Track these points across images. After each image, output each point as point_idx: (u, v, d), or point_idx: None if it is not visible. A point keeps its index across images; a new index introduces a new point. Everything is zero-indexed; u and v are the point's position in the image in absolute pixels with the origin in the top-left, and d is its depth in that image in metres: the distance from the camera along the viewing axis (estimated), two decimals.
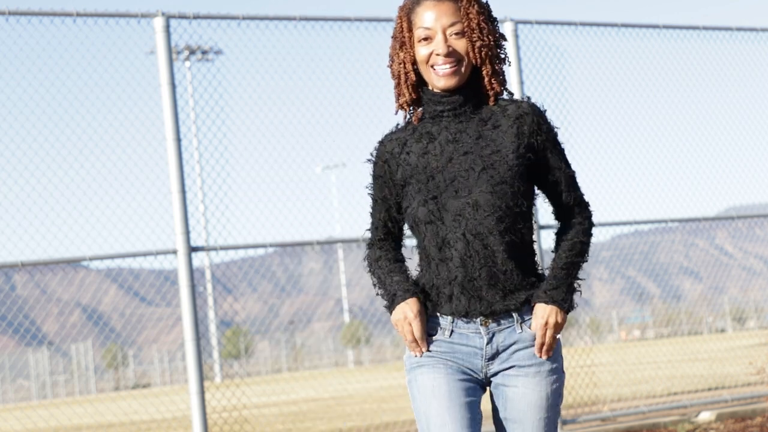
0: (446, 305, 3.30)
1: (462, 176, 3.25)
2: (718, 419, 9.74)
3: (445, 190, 3.26)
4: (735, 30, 11.26)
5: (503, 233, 3.24)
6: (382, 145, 3.42)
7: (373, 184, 3.45)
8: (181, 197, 8.25)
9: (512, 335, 3.30)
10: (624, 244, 17.42)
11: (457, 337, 3.32)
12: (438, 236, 3.26)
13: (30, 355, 49.21)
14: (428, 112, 3.35)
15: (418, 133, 3.36)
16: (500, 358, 3.31)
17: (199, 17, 8.72)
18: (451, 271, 3.26)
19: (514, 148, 3.26)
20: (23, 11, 8.21)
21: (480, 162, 3.25)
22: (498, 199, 3.23)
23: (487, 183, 3.23)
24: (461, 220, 3.24)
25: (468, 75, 3.31)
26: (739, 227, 13.31)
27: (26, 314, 61.12)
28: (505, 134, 3.29)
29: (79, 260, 8.37)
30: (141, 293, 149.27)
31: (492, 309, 3.27)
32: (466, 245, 3.23)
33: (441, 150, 3.30)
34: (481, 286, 3.26)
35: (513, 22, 9.74)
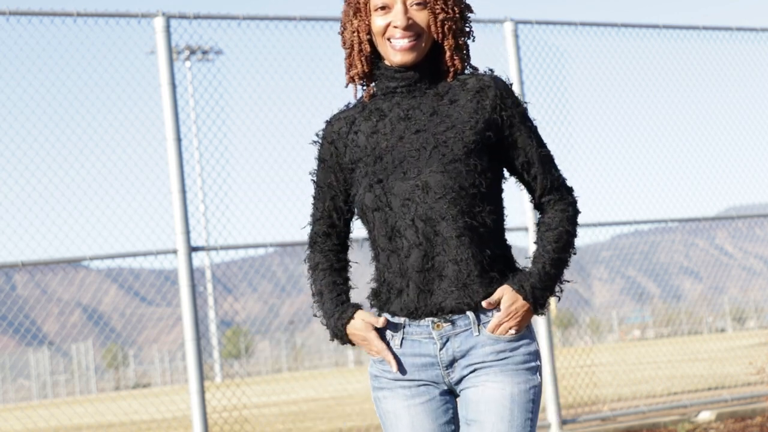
0: (396, 302, 2.95)
1: (412, 156, 2.91)
2: (718, 419, 9.75)
3: (392, 172, 2.92)
4: (735, 30, 11.26)
5: (457, 217, 2.87)
6: (329, 124, 3.07)
7: (318, 168, 3.09)
8: (181, 197, 8.25)
9: (469, 340, 2.93)
10: (624, 244, 17.42)
11: (408, 346, 2.96)
12: (387, 224, 2.92)
13: (30, 354, 49.22)
14: (381, 88, 3.02)
15: (368, 111, 3.02)
16: (459, 365, 2.95)
17: (199, 17, 8.73)
18: (402, 263, 2.91)
19: (471, 123, 2.92)
20: (23, 11, 8.22)
21: (432, 140, 2.91)
22: (450, 179, 2.87)
23: (439, 162, 2.88)
24: (410, 204, 2.89)
25: (427, 50, 2.98)
26: (739, 227, 13.32)
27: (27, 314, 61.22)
28: (462, 109, 2.95)
29: (80, 260, 8.38)
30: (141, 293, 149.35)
31: (443, 305, 2.89)
32: (415, 232, 2.89)
33: (391, 128, 2.96)
34: (433, 279, 2.89)
35: (513, 22, 9.74)
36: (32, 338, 53.39)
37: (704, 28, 11.09)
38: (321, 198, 3.09)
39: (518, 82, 9.63)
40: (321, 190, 3.08)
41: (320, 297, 3.05)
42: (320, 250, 3.10)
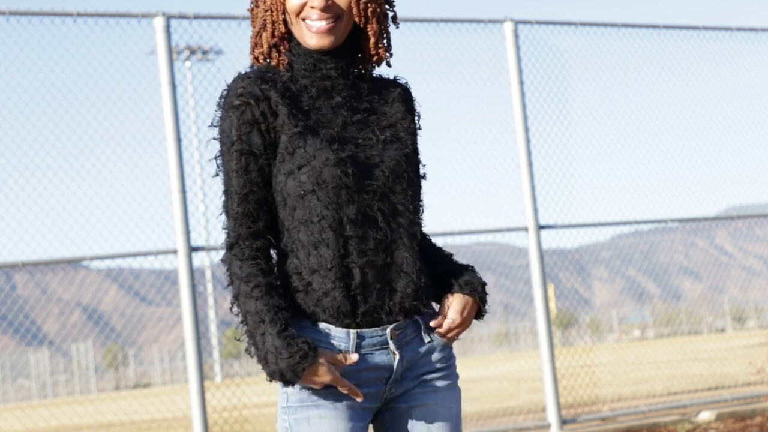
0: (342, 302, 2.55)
1: (366, 143, 2.63)
2: (718, 419, 9.75)
3: (353, 153, 2.60)
4: (735, 30, 11.26)
5: (414, 212, 2.66)
6: (252, 82, 2.62)
7: (239, 131, 2.60)
8: (181, 197, 8.25)
9: (420, 347, 2.65)
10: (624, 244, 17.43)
11: (362, 361, 2.58)
12: (350, 206, 2.55)
13: (30, 354, 49.22)
14: (302, 64, 2.68)
15: (298, 84, 2.66)
16: (405, 378, 2.64)
17: (199, 17, 8.73)
18: (359, 253, 2.55)
19: (406, 124, 2.72)
20: (23, 11, 8.22)
21: (380, 132, 2.66)
22: (411, 172, 2.66)
23: (396, 152, 2.64)
24: (377, 190, 2.59)
25: (346, 36, 2.67)
26: (739, 227, 13.32)
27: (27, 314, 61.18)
28: (392, 108, 2.72)
29: (80, 260, 8.38)
30: (141, 293, 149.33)
31: (402, 306, 2.58)
32: (381, 221, 2.58)
33: (333, 113, 2.64)
34: (392, 275, 2.59)
35: (513, 22, 9.74)
36: (32, 338, 53.38)
37: (704, 28, 11.10)
38: (247, 168, 2.60)
39: (518, 82, 9.63)
40: (247, 159, 2.60)
41: (258, 325, 2.51)
42: (250, 251, 2.58)
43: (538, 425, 9.56)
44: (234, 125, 2.60)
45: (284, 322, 2.51)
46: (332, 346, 2.56)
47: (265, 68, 2.69)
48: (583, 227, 10.03)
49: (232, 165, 2.61)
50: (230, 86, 2.64)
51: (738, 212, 12.27)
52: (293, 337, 2.49)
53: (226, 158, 2.62)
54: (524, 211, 9.53)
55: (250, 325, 2.53)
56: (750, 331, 36.75)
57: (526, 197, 9.51)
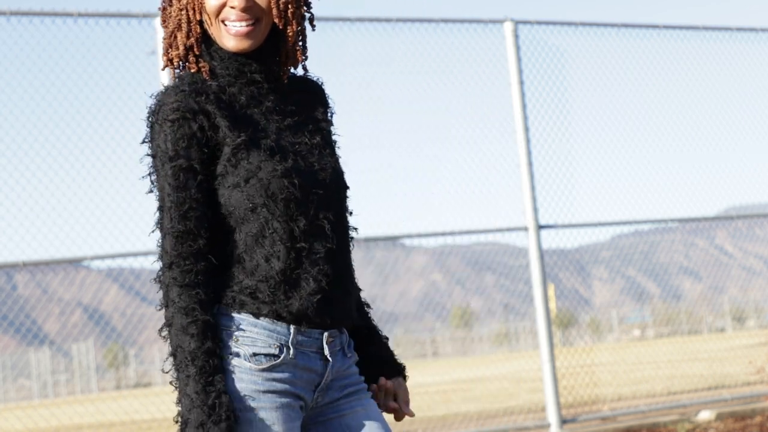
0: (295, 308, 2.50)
1: (302, 150, 2.57)
2: (717, 418, 9.76)
3: (295, 161, 2.53)
4: (735, 30, 11.28)
5: (348, 220, 2.64)
6: (187, 96, 2.51)
7: (176, 147, 2.48)
8: None
9: (343, 359, 2.63)
10: (624, 244, 17.44)
11: (300, 358, 2.54)
12: (299, 217, 2.50)
13: (31, 354, 49.24)
14: (226, 69, 2.59)
15: (228, 93, 2.56)
16: (330, 387, 2.61)
17: None
18: (311, 263, 2.51)
19: (328, 126, 2.69)
20: (24, 11, 8.24)
21: (310, 137, 2.60)
22: (343, 178, 2.63)
23: (330, 158, 2.61)
24: (321, 199, 2.54)
25: (265, 36, 2.58)
26: (739, 227, 13.33)
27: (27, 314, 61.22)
28: (314, 111, 2.67)
29: (80, 260, 8.39)
30: (142, 293, 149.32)
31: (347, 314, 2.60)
32: (328, 230, 2.54)
33: (265, 119, 2.57)
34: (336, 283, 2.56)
35: (513, 22, 9.75)
36: (33, 338, 53.36)
37: (704, 28, 11.11)
38: (186, 185, 2.48)
39: (518, 82, 9.64)
40: (186, 174, 2.48)
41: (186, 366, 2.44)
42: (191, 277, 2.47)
43: (538, 425, 9.58)
44: (170, 140, 2.48)
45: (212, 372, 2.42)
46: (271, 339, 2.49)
47: (193, 79, 2.57)
48: (583, 227, 10.04)
49: (169, 180, 2.48)
50: (161, 100, 2.52)
51: (738, 212, 12.28)
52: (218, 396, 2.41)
53: (161, 174, 2.49)
54: (524, 211, 9.54)
55: (178, 360, 2.44)
56: (750, 331, 36.76)
57: (526, 197, 9.51)
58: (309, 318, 2.50)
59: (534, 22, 9.97)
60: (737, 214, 11.66)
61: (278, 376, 2.50)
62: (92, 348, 50.62)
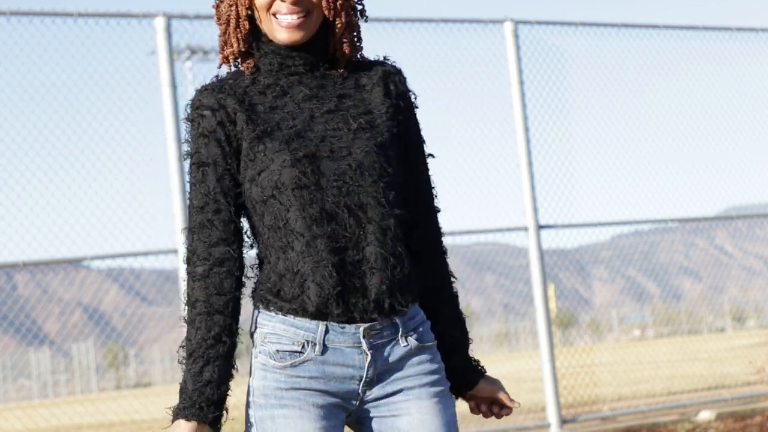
0: (313, 301, 2.47)
1: (333, 135, 2.53)
2: (717, 418, 9.76)
3: (317, 149, 2.50)
4: (735, 30, 11.28)
5: (392, 204, 2.52)
6: (209, 92, 2.57)
7: (197, 144, 2.55)
8: (181, 197, 8.26)
9: (397, 350, 2.53)
10: (624, 243, 17.44)
11: (330, 354, 2.49)
12: (312, 206, 2.46)
13: (31, 354, 49.23)
14: (269, 64, 2.62)
15: (260, 85, 2.60)
16: (382, 381, 2.53)
17: (200, 17, 8.74)
18: (329, 252, 2.46)
19: (385, 108, 2.60)
20: (24, 11, 8.24)
21: (352, 121, 2.55)
22: (385, 162, 2.52)
23: (368, 142, 2.53)
24: (342, 186, 2.48)
25: (316, 30, 2.59)
26: (739, 227, 13.33)
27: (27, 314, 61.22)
28: (371, 93, 2.61)
29: (80, 260, 8.39)
30: (142, 293, 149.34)
31: (377, 304, 2.47)
32: (347, 218, 2.48)
33: (297, 106, 2.57)
34: (364, 273, 2.47)
35: (513, 22, 9.75)
36: (33, 338, 53.38)
37: (704, 28, 11.11)
38: (204, 180, 2.54)
39: (518, 82, 9.64)
40: (204, 170, 2.54)
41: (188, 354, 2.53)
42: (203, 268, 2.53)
43: (538, 425, 9.57)
44: (192, 138, 2.57)
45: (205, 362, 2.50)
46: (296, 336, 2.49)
47: (228, 75, 2.63)
48: (583, 227, 10.04)
49: (190, 177, 2.57)
50: (191, 101, 2.60)
51: (738, 212, 12.28)
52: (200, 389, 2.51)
53: (189, 172, 2.58)
54: (524, 211, 9.54)
55: (186, 349, 2.53)
56: (750, 331, 36.76)
57: (526, 197, 9.51)
58: (331, 312, 2.46)
59: (534, 22, 9.97)
60: (737, 214, 11.67)
61: (303, 374, 2.49)
62: (92, 348, 50.61)
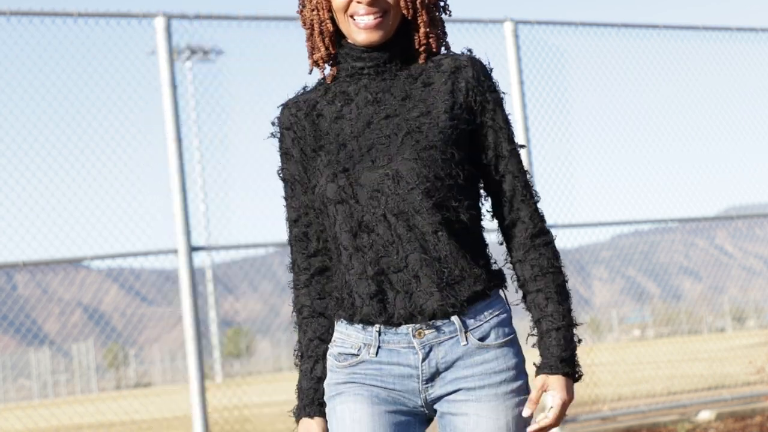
0: (365, 310, 2.55)
1: (381, 143, 2.55)
2: (717, 418, 9.76)
3: (359, 160, 2.55)
4: (735, 30, 11.28)
5: (434, 210, 2.52)
6: (286, 109, 2.69)
7: (283, 161, 2.70)
8: (181, 197, 8.27)
9: (455, 349, 2.57)
10: (624, 243, 17.44)
11: (385, 355, 2.57)
12: (352, 219, 2.54)
13: (31, 354, 49.24)
14: (345, 69, 2.65)
15: (331, 94, 2.65)
16: (442, 379, 2.58)
17: (200, 17, 8.74)
18: (371, 263, 2.54)
19: (447, 107, 2.57)
20: (23, 11, 8.24)
21: (405, 126, 2.56)
22: (425, 167, 2.51)
23: (412, 149, 2.53)
24: (380, 196, 2.52)
25: (396, 27, 2.61)
26: (739, 227, 13.33)
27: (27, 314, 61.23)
28: (437, 92, 2.59)
29: (80, 260, 8.40)
30: (142, 293, 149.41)
31: (424, 308, 2.53)
32: (387, 228, 2.52)
33: (358, 113, 2.60)
34: (409, 279, 2.53)
35: (513, 22, 9.75)
36: (33, 338, 53.38)
37: (704, 28, 11.11)
38: (293, 195, 2.69)
39: (518, 82, 9.64)
40: (292, 186, 2.69)
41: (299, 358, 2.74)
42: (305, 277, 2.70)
43: None
44: (279, 155, 2.71)
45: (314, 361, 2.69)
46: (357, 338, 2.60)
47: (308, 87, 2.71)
48: (583, 227, 10.04)
49: (284, 193, 2.72)
50: None
51: (738, 212, 12.28)
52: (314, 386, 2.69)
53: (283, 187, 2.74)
54: None
55: (298, 351, 2.73)
56: (750, 331, 36.75)
57: None
58: (377, 320, 2.56)
59: (534, 22, 9.97)
60: (737, 214, 11.67)
61: (361, 371, 2.60)
62: (92, 348, 50.61)
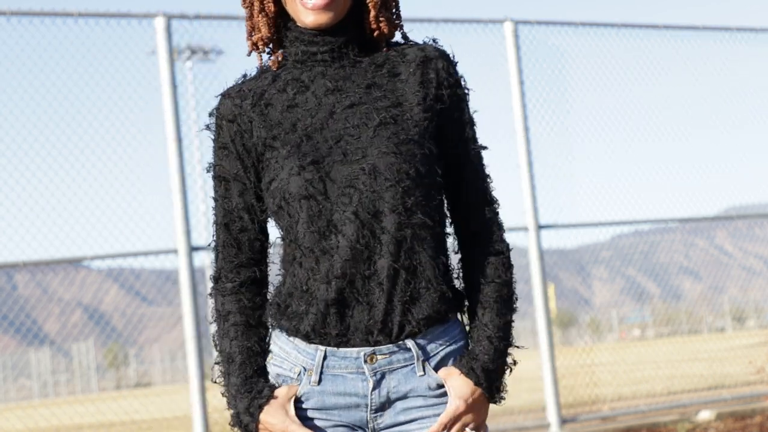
0: (315, 323, 2.25)
1: (350, 134, 2.27)
2: (717, 418, 9.76)
3: (328, 153, 2.26)
4: (735, 30, 11.28)
5: (411, 211, 2.23)
6: (227, 99, 2.39)
7: (218, 156, 2.38)
8: (181, 197, 8.27)
9: (410, 380, 2.26)
10: (624, 243, 17.44)
11: (329, 383, 2.26)
12: (320, 217, 2.23)
13: (32, 354, 49.25)
14: (294, 54, 2.36)
15: (281, 82, 2.36)
16: (393, 408, 2.28)
17: (200, 17, 8.75)
18: (334, 267, 2.22)
19: (419, 99, 2.31)
20: (24, 11, 8.24)
21: (375, 116, 2.27)
22: (405, 163, 2.23)
23: (388, 141, 2.25)
24: (353, 193, 2.22)
25: (346, 10, 2.33)
26: (739, 227, 13.34)
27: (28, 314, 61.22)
28: (406, 83, 2.32)
29: (80, 260, 8.40)
30: (142, 293, 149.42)
31: (384, 325, 2.22)
32: (357, 229, 2.22)
33: (317, 102, 2.31)
34: (372, 289, 2.22)
35: (513, 22, 9.76)
36: (33, 338, 53.38)
37: (704, 28, 11.12)
38: (227, 195, 2.38)
39: (518, 82, 9.65)
40: (226, 185, 2.38)
41: (228, 366, 2.36)
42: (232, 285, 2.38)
43: (538, 425, 9.58)
44: (213, 149, 2.40)
45: (254, 367, 2.33)
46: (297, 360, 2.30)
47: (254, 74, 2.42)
48: (583, 227, 10.05)
49: (214, 192, 2.41)
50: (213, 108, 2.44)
51: (738, 212, 12.29)
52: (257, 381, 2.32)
53: (213, 186, 2.42)
54: (524, 211, 9.54)
55: (222, 365, 2.38)
56: (750, 331, 36.76)
57: (526, 197, 9.52)
58: (329, 334, 2.25)
59: (534, 22, 9.97)
60: (737, 214, 11.67)
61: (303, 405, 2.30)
62: (92, 348, 50.62)
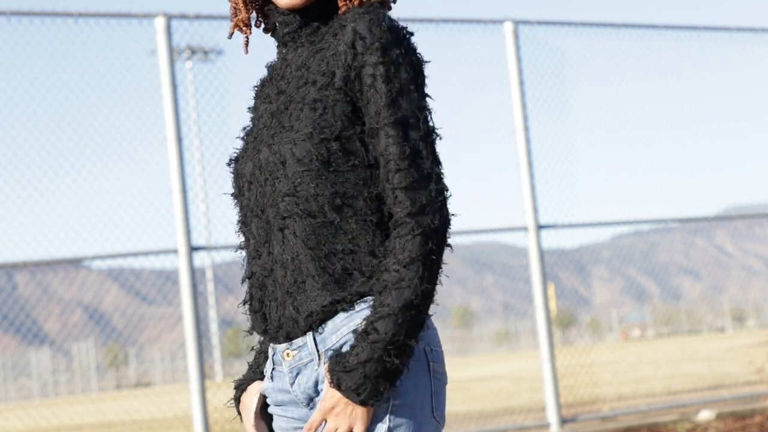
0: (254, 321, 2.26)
1: (265, 125, 2.24)
2: (717, 418, 9.77)
3: (247, 149, 2.25)
4: (735, 30, 11.29)
5: (294, 203, 2.12)
6: None
7: None
8: (182, 197, 8.27)
9: (314, 374, 2.16)
10: (624, 243, 17.45)
11: (277, 381, 2.25)
12: (239, 213, 2.27)
13: (32, 354, 49.27)
14: (277, 36, 2.33)
15: (269, 67, 2.37)
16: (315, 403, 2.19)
17: (200, 17, 8.75)
18: (253, 266, 2.24)
19: (320, 75, 2.17)
20: (24, 11, 8.25)
21: (284, 102, 2.22)
22: (284, 151, 2.14)
23: (278, 129, 2.18)
24: (252, 188, 2.21)
25: None
26: (739, 227, 13.36)
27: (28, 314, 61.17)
28: (320, 60, 2.19)
29: (81, 260, 8.40)
30: (142, 293, 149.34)
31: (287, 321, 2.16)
32: (258, 224, 2.20)
33: (269, 90, 2.31)
34: (274, 285, 2.19)
35: (513, 22, 9.76)
36: (33, 337, 53.31)
37: (704, 28, 11.12)
38: None
39: (518, 82, 9.65)
40: None
41: None
42: None
43: (538, 425, 9.58)
44: None
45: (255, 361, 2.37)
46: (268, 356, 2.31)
47: None
48: (583, 227, 10.05)
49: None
50: None
51: (738, 212, 12.30)
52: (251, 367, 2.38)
53: None
54: (524, 210, 9.55)
55: None
56: (750, 331, 36.78)
57: (526, 197, 9.52)
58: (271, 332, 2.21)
59: (534, 22, 9.98)
60: (737, 214, 11.68)
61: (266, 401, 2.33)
62: (92, 348, 50.64)
